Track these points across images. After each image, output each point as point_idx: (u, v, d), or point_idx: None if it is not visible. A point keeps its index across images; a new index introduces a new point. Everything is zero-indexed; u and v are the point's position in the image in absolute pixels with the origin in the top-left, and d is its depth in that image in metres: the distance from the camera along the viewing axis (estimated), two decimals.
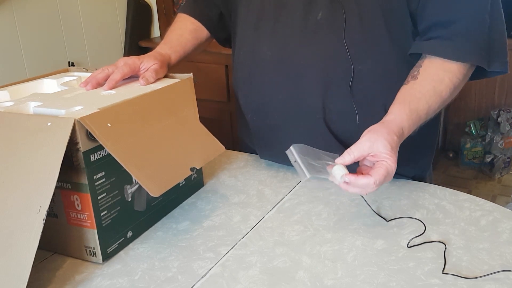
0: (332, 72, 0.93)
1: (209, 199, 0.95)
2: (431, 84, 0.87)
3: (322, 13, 0.92)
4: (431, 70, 0.88)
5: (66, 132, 0.67)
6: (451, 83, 0.88)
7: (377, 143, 0.79)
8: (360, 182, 0.77)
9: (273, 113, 1.00)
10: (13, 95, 0.88)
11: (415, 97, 0.86)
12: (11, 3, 2.09)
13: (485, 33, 0.88)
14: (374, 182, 0.76)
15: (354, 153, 0.79)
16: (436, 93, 0.87)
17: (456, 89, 0.90)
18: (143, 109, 0.81)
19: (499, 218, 0.84)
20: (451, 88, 0.88)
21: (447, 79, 0.87)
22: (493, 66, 0.90)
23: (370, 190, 0.78)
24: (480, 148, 2.95)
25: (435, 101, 0.87)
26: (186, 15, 1.12)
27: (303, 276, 0.71)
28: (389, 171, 0.78)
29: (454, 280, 0.69)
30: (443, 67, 0.88)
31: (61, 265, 0.76)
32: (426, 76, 0.88)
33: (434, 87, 0.87)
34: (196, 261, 0.76)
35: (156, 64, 0.95)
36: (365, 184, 0.77)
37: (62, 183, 0.73)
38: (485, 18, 0.88)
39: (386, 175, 0.77)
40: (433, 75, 0.88)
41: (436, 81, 0.87)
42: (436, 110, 0.89)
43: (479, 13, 0.88)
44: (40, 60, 2.24)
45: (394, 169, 0.79)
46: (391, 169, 0.78)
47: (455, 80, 0.88)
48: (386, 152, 0.78)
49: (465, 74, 0.89)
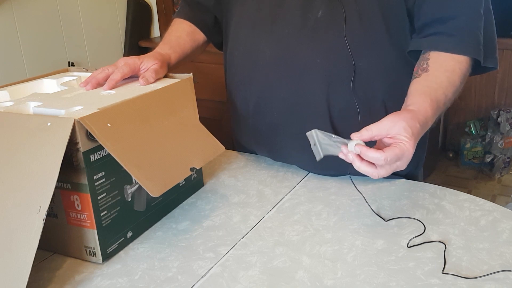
0: (334, 70, 0.94)
1: (209, 199, 0.95)
2: (445, 74, 0.88)
3: (322, 11, 0.92)
4: (441, 61, 0.89)
5: (66, 132, 0.67)
6: (461, 72, 0.89)
7: (398, 125, 0.77)
8: (371, 155, 0.74)
9: (273, 112, 1.00)
10: (13, 95, 0.88)
11: (433, 88, 0.86)
12: (11, 3, 2.09)
13: (481, 27, 0.90)
14: (385, 158, 0.73)
15: (372, 130, 0.77)
16: (451, 83, 0.87)
17: (465, 78, 0.90)
18: (143, 109, 0.81)
19: (499, 218, 0.84)
20: (461, 76, 0.89)
21: (458, 69, 0.88)
22: (487, 61, 0.92)
23: (382, 173, 0.76)
24: (480, 148, 2.95)
25: (451, 91, 0.87)
26: (182, 19, 1.13)
27: (303, 276, 0.71)
28: (404, 152, 0.75)
29: (454, 280, 0.69)
30: (452, 58, 0.89)
31: (61, 265, 0.76)
32: (438, 67, 0.88)
33: (448, 78, 0.87)
34: (196, 261, 0.76)
35: (156, 64, 0.95)
36: (376, 159, 0.74)
37: (62, 183, 0.73)
38: (481, 13, 0.90)
39: (399, 155, 0.75)
40: (444, 66, 0.88)
41: (449, 71, 0.88)
42: (451, 100, 0.89)
43: (475, 8, 0.90)
44: (40, 60, 2.24)
45: (410, 154, 0.76)
46: (407, 152, 0.75)
47: (464, 69, 0.89)
48: (405, 135, 0.76)
49: (468, 67, 0.91)
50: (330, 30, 0.93)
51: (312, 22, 0.93)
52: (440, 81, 0.87)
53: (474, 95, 3.00)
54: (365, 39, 0.92)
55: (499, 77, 2.89)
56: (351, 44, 0.91)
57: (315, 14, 0.93)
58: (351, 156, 0.77)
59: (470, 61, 0.90)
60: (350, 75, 0.92)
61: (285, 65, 0.96)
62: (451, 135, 3.15)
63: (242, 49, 1.03)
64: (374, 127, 0.78)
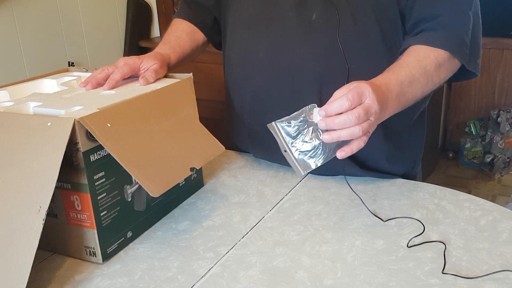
0: (327, 72, 0.94)
1: (209, 199, 0.95)
2: (415, 58, 0.88)
3: (316, 13, 0.93)
4: (415, 50, 0.89)
5: (66, 132, 0.67)
6: (436, 60, 0.88)
7: (357, 85, 0.76)
8: (334, 105, 0.73)
9: (268, 113, 1.00)
10: (13, 95, 0.88)
11: (396, 66, 0.87)
12: (11, 3, 2.09)
13: (468, 28, 0.90)
14: (348, 98, 0.72)
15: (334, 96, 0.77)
16: (421, 66, 0.87)
17: (442, 68, 0.89)
18: (143, 109, 0.81)
19: (499, 218, 0.84)
20: (436, 64, 0.88)
21: (432, 56, 0.88)
22: (471, 65, 0.92)
23: (365, 125, 0.74)
24: (480, 148, 2.95)
25: (419, 72, 0.86)
26: (182, 19, 1.13)
27: (303, 276, 0.71)
28: (359, 86, 0.74)
29: (454, 280, 0.69)
30: (428, 48, 0.89)
31: (61, 265, 0.76)
32: (410, 53, 0.89)
33: (418, 61, 0.87)
34: (196, 261, 0.76)
35: (156, 64, 0.96)
36: (339, 103, 0.73)
37: (62, 183, 0.73)
38: (468, 14, 0.91)
39: (359, 92, 0.73)
40: (417, 52, 0.89)
41: (420, 56, 0.88)
42: (424, 86, 0.88)
43: (462, 8, 0.90)
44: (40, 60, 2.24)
45: (365, 86, 0.75)
46: (362, 85, 0.74)
47: (440, 58, 0.88)
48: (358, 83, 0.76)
49: (447, 59, 0.89)
50: (324, 32, 0.93)
51: (306, 23, 0.94)
52: (408, 62, 0.87)
53: (474, 95, 3.00)
54: (359, 40, 0.93)
55: (499, 77, 2.89)
56: (345, 46, 0.91)
57: (309, 15, 0.93)
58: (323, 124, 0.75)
59: (449, 56, 0.89)
60: (344, 77, 0.92)
61: (279, 66, 0.96)
62: (451, 135, 3.15)
63: (238, 50, 1.04)
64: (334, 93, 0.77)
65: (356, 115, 0.73)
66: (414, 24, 0.92)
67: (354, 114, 0.73)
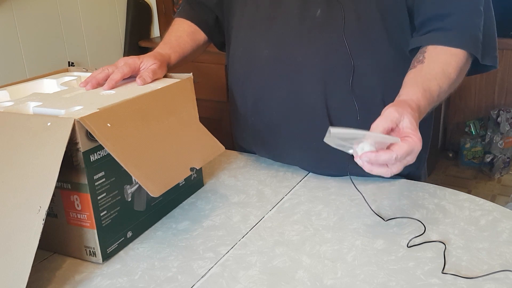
0: (332, 69, 0.94)
1: (209, 199, 0.95)
2: (440, 66, 0.87)
3: (320, 11, 0.92)
4: (437, 54, 0.89)
5: (66, 132, 0.67)
6: (457, 65, 0.88)
7: (404, 117, 0.75)
8: (382, 158, 0.72)
9: (272, 112, 1.00)
10: (13, 95, 0.88)
11: (426, 78, 0.86)
12: (11, 3, 2.09)
13: (480, 24, 0.90)
14: (396, 157, 0.71)
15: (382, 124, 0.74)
16: (445, 74, 0.87)
17: (462, 72, 0.90)
18: (143, 109, 0.81)
19: (499, 218, 0.84)
20: (457, 69, 0.89)
21: (454, 62, 0.88)
22: (485, 59, 0.92)
23: (395, 170, 0.73)
24: (480, 148, 2.95)
25: (445, 82, 0.87)
26: (183, 19, 1.13)
27: (302, 276, 0.71)
28: (413, 148, 0.73)
29: (454, 280, 0.69)
30: (448, 51, 0.89)
31: (61, 265, 0.76)
32: (433, 59, 0.88)
33: (443, 69, 0.87)
34: (196, 261, 0.76)
35: (155, 64, 0.96)
36: (387, 160, 0.72)
37: (62, 183, 0.73)
38: (480, 10, 0.90)
39: (409, 151, 0.73)
40: (440, 58, 0.89)
41: (444, 63, 0.88)
42: (446, 92, 0.89)
43: (474, 5, 0.90)
44: (40, 60, 2.24)
45: (419, 147, 0.74)
46: (416, 147, 0.73)
47: (460, 63, 0.89)
48: (411, 128, 0.74)
49: (465, 62, 0.90)
50: (328, 30, 0.93)
51: (310, 21, 0.93)
52: (435, 73, 0.86)
53: (474, 95, 3.00)
54: (363, 38, 0.92)
55: (499, 77, 2.89)
56: (349, 44, 0.91)
57: (313, 13, 0.93)
58: (360, 161, 0.75)
59: (467, 55, 0.90)
60: (348, 75, 0.92)
61: (283, 65, 0.96)
62: (451, 135, 3.15)
63: (242, 49, 1.04)
64: (381, 121, 0.74)
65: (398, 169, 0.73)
66: (424, 22, 0.91)
67: (398, 167, 0.73)
